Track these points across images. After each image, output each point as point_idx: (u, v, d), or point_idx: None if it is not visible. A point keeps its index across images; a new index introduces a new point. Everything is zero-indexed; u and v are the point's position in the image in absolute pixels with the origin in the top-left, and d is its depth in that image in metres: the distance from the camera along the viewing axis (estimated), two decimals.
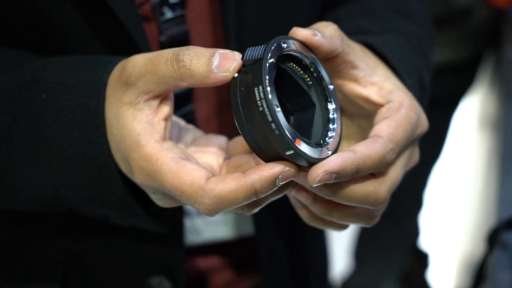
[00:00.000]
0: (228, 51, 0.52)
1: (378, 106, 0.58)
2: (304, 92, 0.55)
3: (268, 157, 0.51)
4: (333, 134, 0.55)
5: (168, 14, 0.65)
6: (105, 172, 0.58)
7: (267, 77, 0.49)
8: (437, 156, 1.82)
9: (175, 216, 0.68)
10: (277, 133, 0.49)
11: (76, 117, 0.58)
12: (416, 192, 1.87)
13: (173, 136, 0.60)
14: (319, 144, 0.54)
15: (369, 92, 0.58)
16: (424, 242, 2.06)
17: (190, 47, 0.53)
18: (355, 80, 0.58)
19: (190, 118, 0.70)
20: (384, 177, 0.55)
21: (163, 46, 0.66)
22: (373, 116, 0.58)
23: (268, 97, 0.49)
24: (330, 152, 0.53)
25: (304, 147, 0.50)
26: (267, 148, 0.51)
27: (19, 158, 0.60)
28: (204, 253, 0.80)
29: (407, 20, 0.72)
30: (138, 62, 0.54)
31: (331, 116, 0.56)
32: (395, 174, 0.56)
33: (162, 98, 0.55)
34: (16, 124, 0.60)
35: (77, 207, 0.62)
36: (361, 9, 0.73)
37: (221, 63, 0.51)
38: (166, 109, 0.55)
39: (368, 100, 0.59)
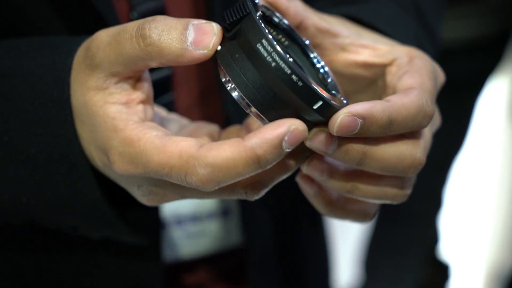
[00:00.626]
0: (203, 21, 0.51)
1: (381, 67, 0.60)
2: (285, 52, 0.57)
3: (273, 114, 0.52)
4: (335, 88, 0.56)
5: None
6: (75, 172, 0.58)
7: (264, 27, 0.49)
8: (457, 148, 1.84)
9: (152, 226, 0.68)
10: (301, 84, 0.49)
11: (37, 109, 0.57)
12: (433, 190, 1.89)
13: (157, 122, 0.59)
14: (333, 95, 0.55)
15: (364, 56, 0.60)
16: (445, 249, 2.09)
17: (157, 17, 0.52)
18: (342, 48, 0.60)
19: (170, 109, 0.70)
20: (418, 137, 0.55)
21: None
22: (378, 81, 0.60)
23: (278, 49, 0.49)
24: (346, 102, 0.54)
25: (330, 98, 0.51)
26: (283, 109, 0.50)
27: None
28: (189, 268, 0.81)
29: None
30: (102, 40, 0.54)
31: (322, 71, 0.58)
32: (428, 133, 0.57)
33: (135, 79, 0.55)
34: None
35: (40, 217, 0.61)
36: None
37: (197, 39, 0.51)
38: (142, 91, 0.55)
39: (366, 65, 0.60)
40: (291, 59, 0.49)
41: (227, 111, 0.71)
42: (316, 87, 0.50)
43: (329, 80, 0.58)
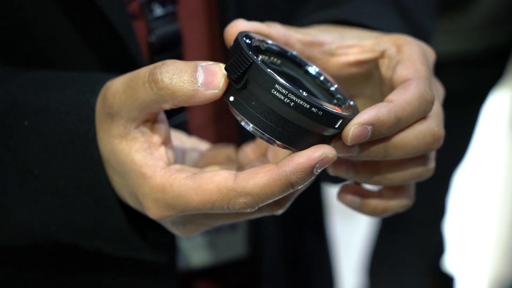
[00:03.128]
0: (211, 62, 0.54)
1: (373, 61, 0.62)
2: (281, 71, 0.60)
3: (305, 146, 0.54)
4: (340, 94, 0.59)
5: (158, 11, 0.70)
6: (102, 203, 0.60)
7: (273, 72, 0.52)
8: (460, 159, 1.85)
9: (169, 245, 0.70)
10: (321, 113, 0.53)
11: (65, 145, 0.60)
12: (436, 200, 1.89)
13: (178, 157, 0.63)
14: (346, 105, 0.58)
15: (353, 55, 0.63)
16: (449, 261, 2.09)
17: (167, 61, 0.54)
18: (331, 54, 0.63)
19: (183, 129, 0.73)
20: (428, 113, 0.58)
21: (152, 47, 0.70)
22: (374, 73, 0.63)
23: (291, 88, 0.52)
24: (353, 103, 0.58)
25: (346, 114, 0.54)
26: (308, 136, 0.54)
27: (1, 193, 0.62)
28: (197, 278, 0.84)
29: None
30: (117, 89, 0.57)
31: (319, 76, 0.61)
32: (435, 106, 0.59)
33: (153, 121, 0.58)
34: None
35: (67, 241, 0.64)
36: None
37: (207, 80, 0.54)
38: (160, 133, 0.58)
39: (358, 63, 0.63)
40: (305, 93, 0.53)
41: (241, 129, 0.72)
42: (333, 110, 0.54)
43: (328, 84, 0.61)
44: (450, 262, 2.10)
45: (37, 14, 0.66)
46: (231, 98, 0.54)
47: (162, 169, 0.56)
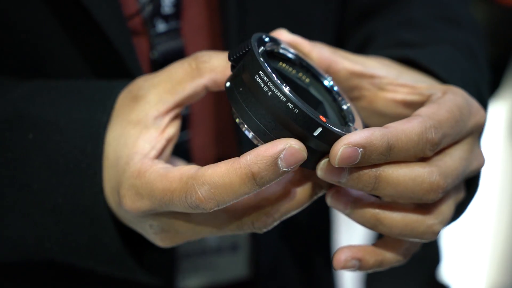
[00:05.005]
0: None
1: (420, 105, 0.59)
2: (305, 90, 0.59)
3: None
4: (354, 122, 0.57)
5: (161, 26, 0.70)
6: (98, 224, 0.60)
7: (262, 60, 0.52)
8: None
9: (166, 267, 0.70)
10: (297, 111, 0.50)
11: (68, 161, 0.59)
12: None
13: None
14: (344, 124, 0.56)
15: (402, 94, 0.60)
16: (445, 271, 2.10)
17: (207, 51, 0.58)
18: (380, 88, 0.61)
19: (185, 148, 0.74)
20: (435, 159, 0.55)
21: (154, 64, 0.70)
22: None
23: (273, 77, 0.50)
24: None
25: (330, 124, 0.51)
26: (285, 137, 0.51)
27: None
28: None
29: (455, 28, 0.74)
30: (149, 75, 0.58)
31: (344, 107, 0.58)
32: (451, 161, 0.55)
33: (172, 116, 0.58)
34: None
35: (61, 259, 0.64)
36: (400, 20, 0.75)
37: None
38: (171, 130, 0.58)
39: (405, 103, 0.61)
40: (288, 88, 0.50)
41: (242, 151, 0.71)
42: (313, 114, 0.50)
43: (350, 115, 0.58)
44: (447, 272, 2.11)
45: (35, 28, 0.66)
46: (228, 84, 0.54)
47: (148, 158, 0.56)
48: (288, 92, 0.50)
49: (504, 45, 1.77)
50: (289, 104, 0.50)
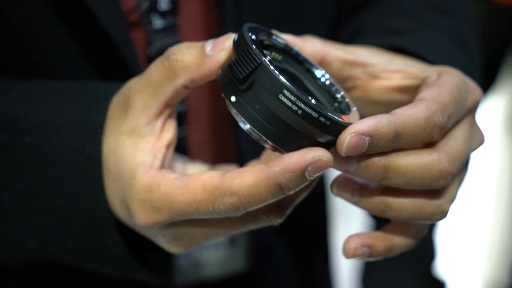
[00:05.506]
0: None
1: (415, 88, 0.59)
2: (298, 79, 0.58)
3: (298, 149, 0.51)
4: (344, 97, 0.56)
5: (158, 23, 0.70)
6: (100, 226, 0.59)
7: (281, 76, 0.50)
8: None
9: (168, 265, 0.69)
10: (329, 123, 0.50)
11: (67, 163, 0.59)
12: None
13: (178, 170, 0.62)
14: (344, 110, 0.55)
15: (396, 80, 0.60)
16: (441, 267, 2.11)
17: (181, 43, 0.56)
18: (374, 76, 0.61)
19: (182, 145, 0.73)
20: (441, 144, 0.55)
21: (151, 60, 0.67)
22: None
23: (300, 95, 0.49)
24: (356, 108, 0.55)
25: (336, 116, 0.51)
26: (304, 140, 0.51)
27: None
28: None
29: (444, 17, 0.74)
30: (132, 81, 0.57)
31: (338, 96, 0.57)
32: (456, 144, 0.55)
33: (165, 119, 0.57)
34: None
35: (63, 261, 0.63)
36: (389, 10, 0.76)
37: (214, 45, 0.54)
38: (169, 133, 0.57)
39: (400, 89, 0.60)
40: (313, 101, 0.50)
41: (240, 148, 0.73)
42: (343, 120, 0.50)
43: (333, 88, 0.58)
44: (443, 268, 2.11)
45: (33, 24, 0.65)
46: (233, 99, 0.52)
47: (154, 170, 0.55)
48: (318, 108, 0.50)
49: (499, 43, 1.79)
50: (321, 118, 0.50)
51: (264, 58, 0.51)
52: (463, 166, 0.58)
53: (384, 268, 1.97)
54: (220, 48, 0.54)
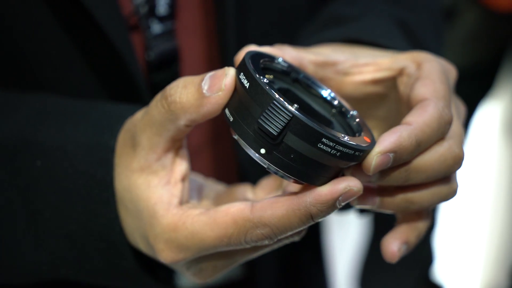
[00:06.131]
0: (218, 70, 0.53)
1: (391, 80, 0.60)
2: (308, 105, 0.58)
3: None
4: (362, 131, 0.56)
5: (156, 27, 0.69)
6: (114, 250, 0.59)
7: (317, 125, 0.49)
8: None
9: (172, 277, 0.69)
10: (361, 154, 0.51)
11: (79, 188, 0.58)
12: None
13: (194, 196, 0.61)
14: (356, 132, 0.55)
15: (369, 74, 0.61)
16: (439, 270, 2.10)
17: (178, 79, 0.54)
18: (345, 73, 0.61)
19: None
20: (451, 134, 0.56)
21: (150, 65, 0.70)
22: (390, 94, 0.61)
23: (338, 139, 0.49)
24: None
25: (358, 140, 0.51)
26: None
27: (9, 232, 0.60)
28: None
29: (395, 6, 0.74)
30: (137, 118, 0.56)
31: (348, 116, 0.57)
32: (455, 126, 0.57)
33: (175, 152, 0.56)
34: (4, 194, 0.60)
35: (76, 281, 0.63)
36: (345, 1, 0.76)
37: (211, 84, 0.52)
38: (181, 166, 0.56)
39: (374, 82, 0.61)
40: (347, 139, 0.50)
41: (239, 152, 0.73)
42: (367, 146, 0.51)
43: (335, 102, 0.58)
44: (441, 271, 2.11)
45: (33, 28, 0.65)
46: (263, 151, 0.51)
47: (175, 208, 0.55)
48: (353, 145, 0.50)
49: (496, 49, 1.81)
50: (357, 153, 0.51)
51: (294, 110, 0.49)
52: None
53: (382, 272, 1.98)
54: (218, 88, 0.52)
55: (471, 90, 1.82)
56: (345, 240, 2.20)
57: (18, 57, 0.67)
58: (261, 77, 0.51)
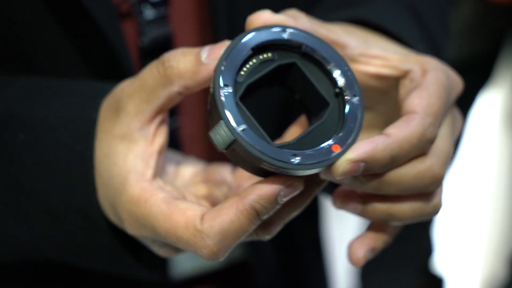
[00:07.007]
0: (219, 42, 0.54)
1: (395, 79, 0.59)
2: (313, 87, 0.56)
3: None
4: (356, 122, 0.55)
5: (149, 13, 0.69)
6: (92, 225, 0.59)
7: (257, 150, 0.50)
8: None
9: (164, 262, 0.69)
10: (314, 172, 0.51)
11: (59, 161, 0.58)
12: None
13: (170, 171, 0.62)
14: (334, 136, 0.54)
15: (375, 67, 0.59)
16: (438, 262, 2.11)
17: (177, 49, 0.55)
18: (352, 59, 0.59)
19: (175, 136, 0.73)
20: (432, 150, 0.55)
21: (143, 51, 0.69)
22: (391, 93, 0.60)
23: (279, 164, 0.50)
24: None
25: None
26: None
27: None
28: (193, 284, 0.83)
29: None
30: (125, 83, 0.56)
31: (347, 106, 0.55)
32: (443, 144, 0.56)
33: (157, 123, 0.56)
34: None
35: (58, 259, 0.63)
36: None
37: (210, 52, 0.54)
38: (160, 139, 0.57)
39: (378, 77, 0.60)
40: (296, 160, 0.50)
41: None
42: (325, 163, 0.51)
43: (341, 82, 0.56)
44: (441, 264, 2.11)
45: (22, 15, 0.65)
46: (222, 149, 0.52)
47: (146, 181, 0.55)
48: (299, 167, 0.51)
49: (493, 40, 1.82)
50: (299, 172, 0.51)
51: (239, 132, 0.50)
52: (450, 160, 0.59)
53: (383, 264, 1.98)
54: (216, 57, 0.53)
55: (469, 82, 1.82)
56: (345, 231, 2.20)
57: (8, 45, 0.67)
58: (226, 86, 0.51)
